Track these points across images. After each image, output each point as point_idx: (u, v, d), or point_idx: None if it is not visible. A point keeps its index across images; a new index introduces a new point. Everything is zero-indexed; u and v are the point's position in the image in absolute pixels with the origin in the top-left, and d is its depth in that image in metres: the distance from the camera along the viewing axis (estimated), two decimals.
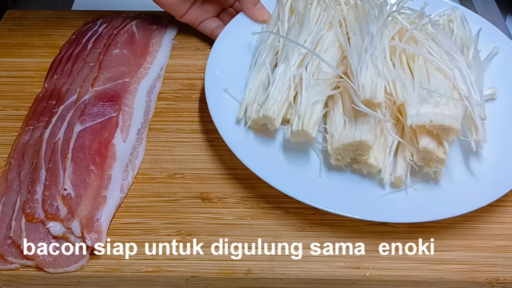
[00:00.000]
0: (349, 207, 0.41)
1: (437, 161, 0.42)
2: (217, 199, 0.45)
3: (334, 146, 0.43)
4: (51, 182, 0.44)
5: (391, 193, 0.43)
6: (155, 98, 0.54)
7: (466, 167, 0.45)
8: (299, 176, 0.44)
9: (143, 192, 0.46)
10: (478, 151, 0.45)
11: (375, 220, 0.41)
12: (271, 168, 0.44)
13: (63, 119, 0.49)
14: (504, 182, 0.42)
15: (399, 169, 0.44)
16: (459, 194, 0.43)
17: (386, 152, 0.45)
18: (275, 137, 0.47)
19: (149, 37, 0.59)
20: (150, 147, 0.49)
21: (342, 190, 0.43)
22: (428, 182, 0.44)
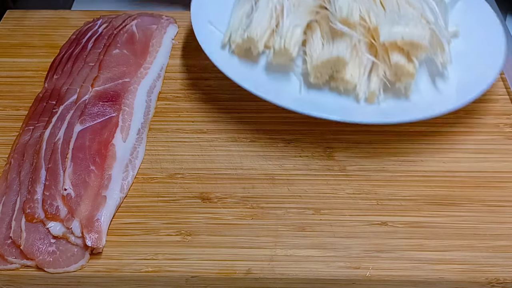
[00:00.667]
0: (327, 111, 0.45)
1: (408, 75, 0.47)
2: (217, 199, 0.45)
3: (313, 64, 0.47)
4: (51, 182, 0.44)
5: (366, 107, 0.48)
6: (155, 98, 0.54)
7: (433, 85, 0.50)
8: (280, 91, 0.49)
9: (143, 192, 0.46)
10: (443, 72, 0.50)
11: (351, 121, 0.45)
12: (255, 84, 0.48)
13: (63, 119, 0.49)
14: (464, 94, 0.47)
15: (373, 85, 0.48)
16: (426, 105, 0.47)
17: (361, 70, 0.48)
18: (258, 61, 0.51)
19: (149, 37, 0.59)
20: (150, 147, 0.49)
21: (321, 102, 0.48)
22: (399, 97, 0.48)
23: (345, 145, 0.49)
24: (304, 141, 0.50)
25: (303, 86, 0.49)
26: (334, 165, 0.47)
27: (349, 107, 0.48)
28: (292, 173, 0.47)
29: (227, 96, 0.54)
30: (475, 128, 0.50)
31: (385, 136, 0.50)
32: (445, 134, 0.50)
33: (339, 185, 0.46)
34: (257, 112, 0.52)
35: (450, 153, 0.48)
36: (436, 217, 0.44)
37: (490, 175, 0.46)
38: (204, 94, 0.54)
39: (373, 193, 0.45)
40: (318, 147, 0.49)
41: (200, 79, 0.56)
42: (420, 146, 0.49)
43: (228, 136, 0.50)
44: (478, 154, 0.48)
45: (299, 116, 0.51)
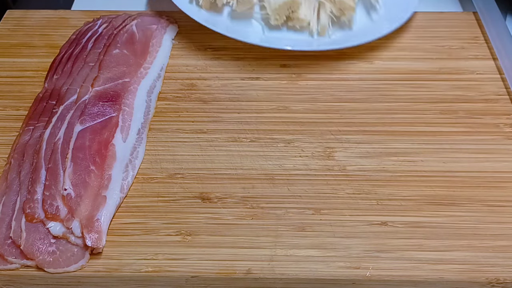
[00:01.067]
0: (289, 45, 0.55)
1: (350, 9, 0.57)
2: (217, 199, 0.45)
3: (272, 8, 0.57)
4: (51, 182, 0.44)
5: (319, 39, 0.57)
6: (155, 98, 0.54)
7: (369, 17, 0.60)
8: (247, 33, 0.57)
9: (143, 192, 0.46)
10: (375, 6, 0.61)
11: (308, 49, 0.56)
12: (225, 29, 0.56)
13: (63, 119, 0.49)
14: (393, 23, 0.57)
15: (322, 20, 0.57)
16: (366, 32, 0.57)
17: (311, 10, 0.58)
18: (223, 12, 0.59)
19: (149, 37, 0.59)
20: (150, 147, 0.49)
21: (282, 38, 0.57)
22: (344, 29, 0.59)
23: (345, 145, 0.49)
24: (304, 141, 0.50)
25: (265, 28, 0.59)
26: (334, 165, 0.47)
27: (306, 40, 0.58)
28: (292, 173, 0.47)
29: (227, 96, 0.54)
30: (475, 128, 0.50)
31: (384, 136, 0.50)
32: (445, 134, 0.50)
33: (339, 185, 0.46)
34: (257, 112, 0.52)
35: (450, 153, 0.48)
36: (436, 217, 0.44)
37: (490, 175, 0.46)
38: (204, 94, 0.54)
39: (373, 193, 0.45)
40: (318, 147, 0.49)
41: (200, 79, 0.56)
42: (419, 146, 0.49)
43: (228, 136, 0.50)
44: (478, 154, 0.48)
45: (299, 116, 0.52)
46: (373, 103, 0.53)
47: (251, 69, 0.57)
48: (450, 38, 0.59)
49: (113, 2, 0.68)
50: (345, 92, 0.54)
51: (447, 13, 0.63)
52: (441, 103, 0.52)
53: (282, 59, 0.58)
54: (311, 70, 0.56)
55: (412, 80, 0.55)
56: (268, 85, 0.55)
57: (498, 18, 0.60)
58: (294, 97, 0.54)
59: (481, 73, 0.55)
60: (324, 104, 0.53)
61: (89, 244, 0.41)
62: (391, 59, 0.57)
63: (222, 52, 0.59)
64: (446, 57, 0.57)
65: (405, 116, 0.51)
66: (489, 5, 0.62)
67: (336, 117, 0.52)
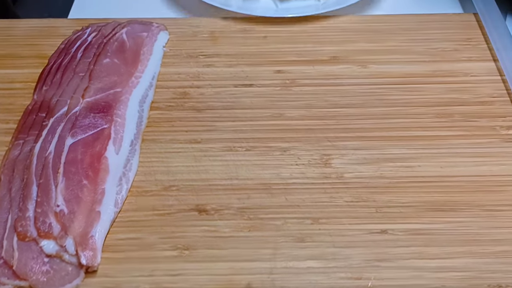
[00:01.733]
0: (300, 12, 0.60)
1: None
2: (214, 211, 0.44)
3: None
4: (43, 199, 0.43)
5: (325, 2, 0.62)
6: (147, 107, 0.53)
7: None
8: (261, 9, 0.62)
9: (137, 205, 0.45)
10: None
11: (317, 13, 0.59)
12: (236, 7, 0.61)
13: (53, 132, 0.48)
14: None
15: None
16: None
17: None
18: None
19: (140, 45, 0.58)
20: (144, 159, 0.48)
21: (295, 7, 0.62)
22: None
23: (342, 152, 0.48)
24: (301, 148, 0.49)
25: (277, 2, 0.63)
26: (331, 173, 0.47)
27: (314, 4, 0.62)
28: (289, 182, 0.46)
29: (220, 104, 0.53)
30: (471, 131, 0.50)
31: (381, 142, 0.49)
32: (441, 138, 0.49)
33: (337, 193, 0.45)
34: (251, 120, 0.51)
35: (447, 158, 0.48)
36: (436, 224, 0.43)
37: (488, 179, 0.46)
38: (197, 102, 0.53)
39: (372, 201, 0.45)
40: (315, 155, 0.48)
41: (193, 87, 0.55)
42: (417, 151, 0.48)
43: (223, 145, 0.49)
44: (475, 158, 0.48)
45: (295, 123, 0.51)
46: (368, 108, 0.52)
47: (245, 75, 0.56)
48: (442, 40, 0.59)
49: (112, 6, 0.67)
50: (340, 98, 0.53)
51: (439, 14, 0.62)
52: (437, 107, 0.52)
53: (276, 65, 0.57)
54: (305, 75, 0.56)
55: (406, 83, 0.54)
56: (262, 92, 0.54)
57: (498, 18, 0.60)
58: (288, 103, 0.53)
59: (475, 75, 0.55)
60: (320, 110, 0.52)
61: (83, 263, 0.40)
62: (384, 63, 0.57)
63: (214, 59, 0.58)
64: (439, 59, 0.57)
65: (401, 121, 0.51)
66: (489, 5, 0.62)
67: (332, 123, 0.51)
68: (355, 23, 0.61)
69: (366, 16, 0.63)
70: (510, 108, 0.52)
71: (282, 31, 0.61)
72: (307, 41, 0.59)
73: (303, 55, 0.58)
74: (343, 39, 0.60)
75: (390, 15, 0.63)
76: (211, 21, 0.62)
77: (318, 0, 0.63)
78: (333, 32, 0.60)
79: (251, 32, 0.61)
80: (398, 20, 0.62)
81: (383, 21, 0.61)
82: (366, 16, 0.63)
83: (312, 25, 0.61)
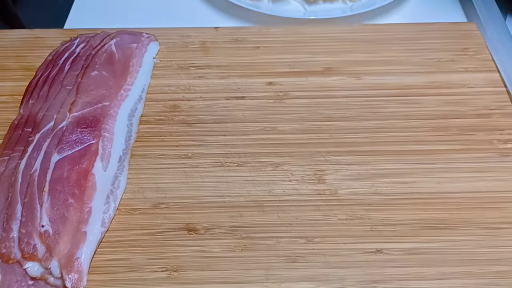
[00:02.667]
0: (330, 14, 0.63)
1: None
2: (204, 230, 0.43)
3: None
4: (28, 218, 0.42)
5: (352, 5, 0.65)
6: (136, 121, 0.51)
7: None
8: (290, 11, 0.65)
9: (125, 224, 0.43)
10: None
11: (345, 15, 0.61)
12: (267, 9, 0.63)
13: (39, 148, 0.46)
14: None
15: None
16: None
17: None
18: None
19: (129, 56, 0.56)
20: (132, 175, 0.47)
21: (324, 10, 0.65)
22: None
23: (335, 167, 0.47)
24: (293, 163, 0.48)
25: (305, 5, 0.65)
26: (325, 189, 0.46)
27: (341, 8, 0.65)
28: (282, 199, 0.45)
29: (211, 117, 0.52)
30: (468, 146, 0.49)
31: (376, 156, 0.48)
32: (438, 153, 0.48)
33: (331, 210, 0.44)
34: (243, 134, 0.50)
35: (444, 173, 0.47)
36: (432, 243, 0.42)
37: (485, 195, 0.45)
38: (187, 116, 0.52)
39: (367, 218, 0.44)
40: (308, 170, 0.47)
41: (183, 100, 0.54)
42: (413, 167, 0.47)
43: (214, 160, 0.48)
44: (472, 173, 0.47)
45: (288, 137, 0.50)
46: (363, 121, 0.51)
47: (236, 87, 0.55)
48: (438, 50, 0.58)
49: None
50: (334, 110, 0.52)
51: (437, 24, 0.61)
52: (433, 120, 0.51)
53: (268, 76, 0.56)
54: (298, 87, 0.54)
55: (402, 95, 0.53)
56: (254, 105, 0.53)
57: (498, 18, 0.60)
58: (281, 116, 0.52)
59: (472, 87, 0.54)
60: (313, 123, 0.51)
61: (68, 286, 0.38)
62: (379, 74, 0.56)
63: (205, 70, 0.56)
64: (435, 70, 0.56)
65: (396, 135, 0.50)
66: (489, 5, 0.62)
67: (325, 137, 0.50)
68: (350, 32, 0.60)
69: (361, 25, 0.62)
70: (507, 121, 0.51)
71: (274, 41, 0.59)
72: (300, 51, 0.58)
73: (296, 66, 0.56)
74: (337, 49, 0.58)
75: (386, 25, 0.62)
76: (202, 30, 0.61)
77: (346, 3, 0.65)
78: (327, 42, 0.59)
79: (243, 42, 0.59)
80: (394, 29, 0.61)
81: (378, 30, 0.60)
82: (361, 25, 0.62)
83: (305, 34, 0.60)
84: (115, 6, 0.69)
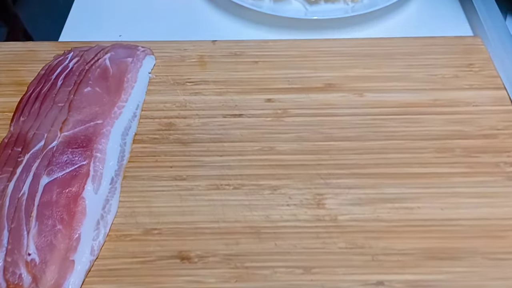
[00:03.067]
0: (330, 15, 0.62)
1: None
2: (198, 258, 0.41)
3: None
4: (14, 246, 0.40)
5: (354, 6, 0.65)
6: (130, 140, 0.50)
7: None
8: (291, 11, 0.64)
9: (116, 252, 0.42)
10: None
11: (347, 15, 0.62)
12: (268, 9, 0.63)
13: (28, 170, 0.45)
14: None
15: None
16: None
17: None
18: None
19: (124, 71, 0.55)
20: (125, 198, 0.45)
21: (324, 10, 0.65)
22: None
23: (335, 191, 0.45)
24: (292, 187, 0.46)
25: (306, 5, 0.65)
26: (324, 215, 0.44)
27: (343, 9, 0.64)
28: (280, 225, 0.43)
29: (208, 136, 0.50)
30: (474, 169, 0.47)
31: (378, 180, 0.46)
32: (442, 176, 0.46)
33: (330, 238, 0.42)
34: (240, 154, 0.48)
35: (448, 198, 0.45)
36: (436, 274, 0.40)
37: (492, 222, 0.43)
38: (183, 134, 0.50)
39: (368, 247, 0.42)
40: (307, 194, 0.45)
41: (179, 118, 0.52)
42: (416, 191, 0.45)
43: (210, 183, 0.46)
44: (478, 198, 0.45)
45: (286, 158, 0.48)
46: (364, 142, 0.49)
47: (234, 104, 0.53)
48: (443, 66, 0.56)
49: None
50: (335, 130, 0.50)
51: (441, 38, 0.59)
52: (437, 140, 0.49)
53: (267, 93, 0.54)
54: (297, 104, 0.53)
55: (405, 114, 0.52)
56: (252, 123, 0.51)
57: (498, 18, 0.59)
58: (280, 136, 0.50)
59: (477, 105, 0.52)
60: (313, 143, 0.49)
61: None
62: (381, 91, 0.54)
63: (202, 86, 0.55)
64: (440, 87, 0.54)
65: (399, 156, 0.48)
66: (489, 5, 0.61)
67: (325, 158, 0.48)
68: (352, 46, 0.59)
69: (363, 39, 0.60)
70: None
71: (274, 55, 0.58)
72: (301, 66, 0.57)
73: (296, 82, 0.55)
74: (339, 64, 0.57)
75: (388, 38, 0.60)
76: (199, 44, 0.59)
77: (347, 4, 0.64)
78: (328, 57, 0.58)
79: (241, 57, 0.58)
80: (397, 43, 0.59)
81: (381, 44, 0.59)
82: (363, 39, 0.60)
83: (305, 49, 0.58)
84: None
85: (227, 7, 0.68)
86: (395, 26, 0.65)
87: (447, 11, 0.67)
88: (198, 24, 0.66)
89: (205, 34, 0.64)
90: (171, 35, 0.63)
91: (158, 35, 0.63)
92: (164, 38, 0.60)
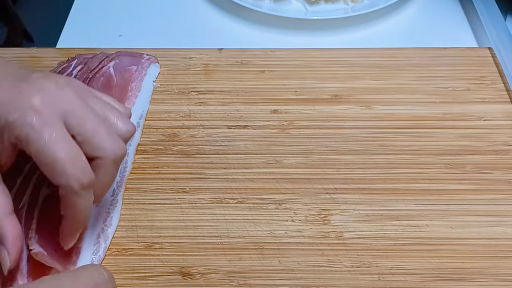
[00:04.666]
0: (331, 15, 0.63)
1: None
2: (200, 274, 0.40)
3: None
4: None
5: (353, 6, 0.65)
6: (133, 151, 0.49)
7: None
8: (291, 11, 0.65)
9: (116, 267, 0.41)
10: None
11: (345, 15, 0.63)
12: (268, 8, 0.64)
13: (28, 181, 0.44)
14: None
15: None
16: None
17: None
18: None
19: (128, 80, 0.54)
20: (126, 211, 0.44)
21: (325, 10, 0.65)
22: None
23: (342, 207, 0.44)
24: (297, 201, 0.45)
25: (306, 5, 0.65)
26: (330, 231, 0.43)
27: (343, 8, 0.65)
28: (284, 241, 0.42)
29: (212, 148, 0.49)
30: (484, 185, 0.46)
31: (385, 196, 0.45)
32: (451, 193, 0.45)
33: (336, 255, 0.41)
34: (244, 167, 0.47)
35: (458, 216, 0.44)
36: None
37: (503, 242, 0.42)
38: (187, 145, 0.49)
39: (374, 266, 0.41)
40: (312, 209, 0.44)
41: (183, 128, 0.51)
42: (424, 208, 0.44)
43: (213, 196, 0.45)
44: (488, 217, 0.43)
45: (291, 172, 0.47)
46: (372, 156, 0.48)
47: (239, 115, 0.52)
48: (454, 78, 0.55)
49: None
50: (342, 143, 0.49)
51: (451, 49, 0.58)
52: (447, 155, 0.48)
53: (273, 104, 0.53)
54: (304, 116, 0.52)
55: (414, 128, 0.50)
56: (257, 135, 0.50)
57: (498, 18, 0.59)
58: (285, 148, 0.49)
59: (489, 119, 0.51)
60: (319, 157, 0.48)
61: None
62: (390, 103, 0.53)
63: (207, 96, 0.54)
64: (450, 100, 0.53)
65: (408, 171, 0.47)
66: (489, 5, 0.61)
67: (331, 172, 0.47)
68: (360, 57, 0.58)
69: (371, 49, 0.59)
70: None
71: (280, 65, 0.57)
72: (307, 76, 0.56)
73: (302, 93, 0.54)
74: (346, 75, 0.56)
75: (398, 49, 0.59)
76: (205, 52, 0.58)
77: (347, 4, 0.65)
78: (335, 67, 0.57)
79: (247, 66, 0.57)
80: (407, 54, 0.58)
81: (390, 55, 0.57)
82: (371, 49, 0.59)
83: (312, 58, 0.57)
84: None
85: (227, 7, 0.67)
86: (395, 26, 0.65)
87: (447, 11, 0.67)
88: (198, 24, 0.66)
89: (205, 34, 0.64)
90: (171, 35, 0.63)
91: (158, 35, 0.63)
92: (164, 38, 0.61)
